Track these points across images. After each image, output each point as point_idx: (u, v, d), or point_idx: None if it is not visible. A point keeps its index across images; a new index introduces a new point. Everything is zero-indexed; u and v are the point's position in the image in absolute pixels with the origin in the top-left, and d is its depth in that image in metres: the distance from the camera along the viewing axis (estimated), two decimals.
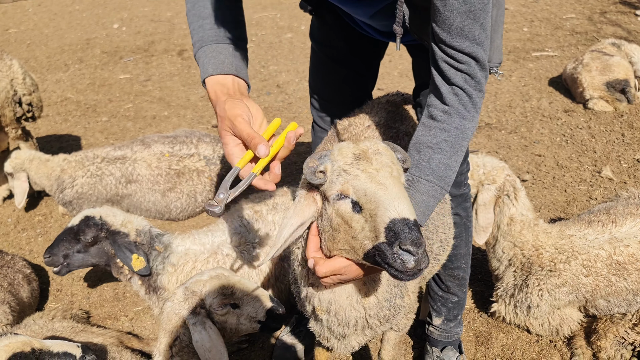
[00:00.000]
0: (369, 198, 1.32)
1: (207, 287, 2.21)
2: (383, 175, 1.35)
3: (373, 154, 1.39)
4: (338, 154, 1.41)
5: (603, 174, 4.57)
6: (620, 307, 2.92)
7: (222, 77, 1.69)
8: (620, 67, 5.72)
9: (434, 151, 1.70)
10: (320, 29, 2.48)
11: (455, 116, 1.70)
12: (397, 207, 1.28)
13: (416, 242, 1.23)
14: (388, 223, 1.26)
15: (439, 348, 2.88)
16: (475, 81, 1.68)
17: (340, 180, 1.37)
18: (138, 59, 7.96)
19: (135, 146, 4.28)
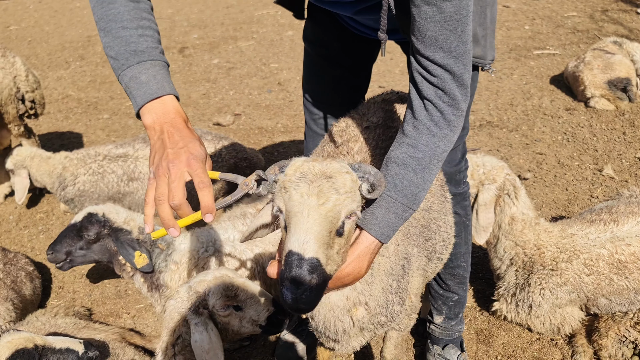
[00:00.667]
0: (289, 221, 1.33)
1: (211, 288, 2.21)
2: (310, 203, 1.32)
3: (319, 177, 1.36)
4: (290, 167, 1.41)
5: (604, 173, 4.57)
6: (621, 306, 2.93)
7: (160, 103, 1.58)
8: (622, 66, 5.72)
9: (399, 167, 1.65)
10: (314, 29, 2.47)
11: (424, 132, 1.64)
12: (298, 240, 1.27)
13: (296, 281, 1.23)
14: (287, 252, 1.27)
15: (441, 346, 2.89)
16: (449, 97, 1.60)
17: (279, 196, 1.39)
18: None
19: (137, 144, 4.28)
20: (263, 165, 4.84)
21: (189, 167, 1.43)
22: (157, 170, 1.44)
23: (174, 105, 1.56)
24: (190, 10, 10.11)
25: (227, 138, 4.60)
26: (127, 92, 1.57)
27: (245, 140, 5.40)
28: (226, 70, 7.29)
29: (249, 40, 8.39)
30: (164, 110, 1.54)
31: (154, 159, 1.47)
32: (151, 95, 1.53)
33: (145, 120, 1.53)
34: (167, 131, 1.50)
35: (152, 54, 1.60)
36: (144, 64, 1.57)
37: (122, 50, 1.56)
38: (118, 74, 1.57)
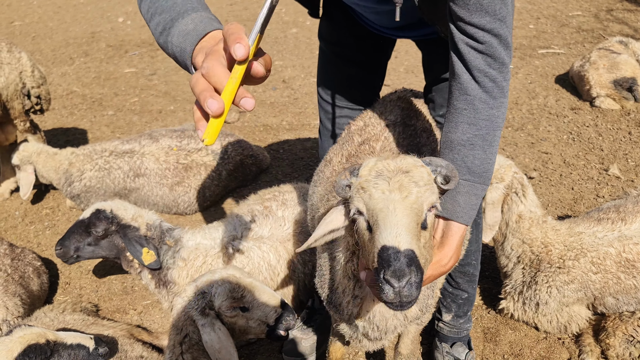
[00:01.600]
0: (374, 219, 1.30)
1: (218, 288, 2.20)
2: (393, 197, 1.30)
3: (396, 173, 1.33)
4: (363, 168, 1.38)
5: (610, 172, 4.57)
6: (629, 305, 2.93)
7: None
8: (628, 65, 5.71)
9: (466, 148, 1.64)
10: (329, 27, 2.46)
11: (480, 107, 1.61)
12: (390, 233, 1.23)
13: (397, 274, 1.18)
14: (379, 249, 1.23)
15: (449, 344, 2.89)
16: (499, 62, 1.58)
17: (357, 197, 1.36)
18: (143, 52, 7.96)
19: (143, 140, 4.28)
20: (269, 162, 4.85)
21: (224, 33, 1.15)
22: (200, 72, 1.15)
23: (209, 38, 1.32)
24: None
25: (232, 135, 4.60)
26: (177, 52, 1.35)
27: (251, 137, 5.40)
28: None
29: None
30: (216, 41, 1.24)
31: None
32: (200, 35, 1.31)
33: (198, 59, 1.27)
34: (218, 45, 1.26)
35: (197, 8, 1.42)
36: (190, 15, 1.38)
37: (168, 18, 1.41)
38: (168, 40, 1.38)
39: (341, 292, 1.79)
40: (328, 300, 1.97)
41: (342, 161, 2.24)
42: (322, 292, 2.04)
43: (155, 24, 1.45)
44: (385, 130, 2.27)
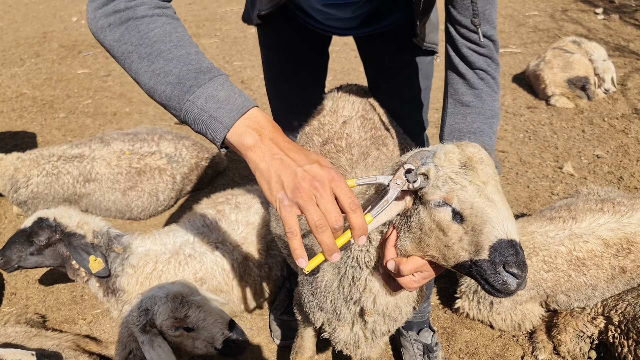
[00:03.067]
0: (475, 212, 1.26)
1: (160, 307, 2.12)
2: (491, 190, 1.29)
3: (478, 163, 1.32)
4: (445, 158, 1.33)
5: (564, 170, 4.65)
6: (579, 302, 2.97)
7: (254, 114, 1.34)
8: (581, 65, 5.84)
9: (476, 136, 1.75)
10: (273, 35, 2.40)
11: (486, 99, 1.77)
12: (505, 227, 1.24)
13: (522, 266, 1.22)
14: (495, 242, 1.22)
15: (415, 331, 2.89)
16: (495, 63, 1.78)
17: (446, 188, 1.30)
18: (98, 53, 7.73)
19: (94, 144, 4.15)
20: (225, 165, 4.76)
21: (334, 183, 1.25)
22: (297, 193, 1.22)
23: (265, 116, 1.33)
24: None
25: (188, 138, 4.50)
26: (202, 116, 1.31)
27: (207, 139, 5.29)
28: None
29: (211, 37, 8.25)
30: (261, 124, 1.30)
31: (282, 183, 1.24)
32: (240, 110, 1.30)
33: (245, 140, 1.27)
34: (280, 146, 1.28)
35: (217, 69, 1.39)
36: (217, 79, 1.35)
37: (185, 71, 1.34)
38: (187, 98, 1.32)
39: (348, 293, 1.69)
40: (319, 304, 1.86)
41: None
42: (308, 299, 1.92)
43: (157, 71, 1.36)
44: (345, 127, 2.23)
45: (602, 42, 7.06)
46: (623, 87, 6.02)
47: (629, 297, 2.82)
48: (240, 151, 1.30)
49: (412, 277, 1.42)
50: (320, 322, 1.89)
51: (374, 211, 1.34)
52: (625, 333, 2.70)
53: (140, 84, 1.41)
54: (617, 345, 2.73)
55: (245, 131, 1.28)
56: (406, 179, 1.32)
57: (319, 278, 1.78)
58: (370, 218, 1.33)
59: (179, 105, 1.33)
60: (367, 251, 1.54)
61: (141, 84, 1.41)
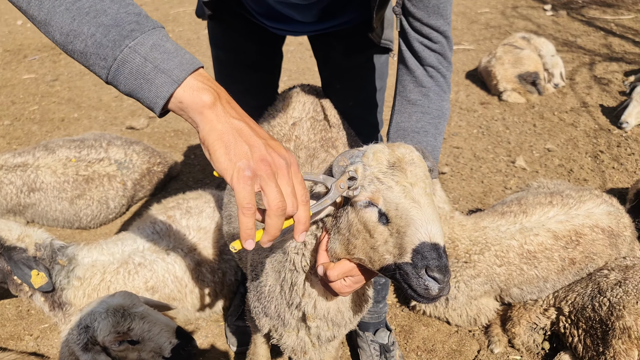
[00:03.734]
0: (400, 214, 1.24)
1: (100, 322, 2.04)
2: (417, 192, 1.26)
3: (408, 164, 1.30)
4: (373, 158, 1.30)
5: (517, 164, 4.73)
6: (532, 294, 3.01)
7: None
8: (531, 60, 5.96)
9: (420, 135, 1.70)
10: (225, 34, 2.34)
11: (434, 98, 1.72)
12: (429, 230, 1.21)
13: (444, 270, 1.19)
14: (417, 245, 1.20)
15: (371, 331, 2.88)
16: (447, 61, 1.73)
17: (372, 188, 1.28)
18: (44, 57, 7.47)
19: (38, 152, 3.98)
20: (179, 169, 4.66)
21: (293, 167, 1.16)
22: (263, 165, 1.08)
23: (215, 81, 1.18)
24: None
25: (138, 143, 4.38)
26: (145, 68, 1.09)
27: (161, 143, 5.17)
28: None
29: None
30: (217, 85, 1.14)
31: (246, 151, 1.08)
32: (192, 65, 1.11)
33: (202, 96, 1.09)
34: (239, 112, 1.14)
35: (156, 21, 1.18)
36: (161, 30, 1.15)
37: (123, 13, 1.11)
38: (126, 44, 1.08)
39: (290, 291, 1.65)
40: (264, 309, 1.82)
41: None
42: (254, 303, 1.87)
43: (90, 9, 1.11)
44: (293, 129, 2.19)
45: (551, 37, 7.24)
46: (572, 81, 6.18)
47: (578, 288, 2.87)
48: (192, 110, 1.10)
49: (343, 282, 1.38)
50: (267, 328, 1.85)
51: (314, 206, 1.30)
52: (575, 323, 2.75)
53: (53, 28, 1.12)
54: (568, 335, 2.78)
55: (201, 86, 1.10)
56: (347, 186, 1.30)
57: (262, 283, 1.73)
58: (310, 213, 1.29)
59: (112, 53, 1.08)
60: (303, 255, 1.51)
61: (54, 29, 1.12)
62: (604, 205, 3.07)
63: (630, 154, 4.70)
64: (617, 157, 4.67)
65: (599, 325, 2.63)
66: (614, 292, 2.68)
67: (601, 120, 5.32)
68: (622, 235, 3.04)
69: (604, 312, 2.64)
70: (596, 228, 2.96)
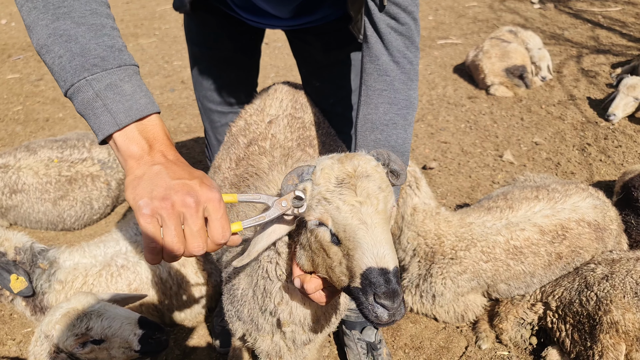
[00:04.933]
0: (348, 235, 1.19)
1: (58, 328, 1.99)
2: (366, 211, 1.20)
3: (359, 178, 1.23)
4: (320, 175, 1.24)
5: (504, 158, 4.71)
6: (519, 289, 2.99)
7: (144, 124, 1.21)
8: (518, 54, 5.94)
9: (389, 128, 1.64)
10: (201, 30, 2.31)
11: (400, 87, 1.65)
12: (376, 254, 1.15)
13: (392, 296, 1.13)
14: (364, 270, 1.15)
15: (358, 330, 2.85)
16: (414, 46, 1.65)
17: (320, 209, 1.22)
18: (29, 56, 7.37)
19: (19, 153, 3.92)
20: None
21: (210, 204, 1.13)
22: (163, 204, 1.08)
23: (163, 127, 1.21)
24: None
25: None
26: (95, 103, 1.16)
27: None
28: None
29: (150, 37, 8.00)
30: (156, 135, 1.18)
31: (151, 191, 1.09)
32: (140, 112, 1.17)
33: (131, 147, 1.15)
34: (166, 158, 1.16)
35: (129, 56, 1.24)
36: (127, 68, 1.21)
37: (93, 45, 1.18)
38: (83, 76, 1.16)
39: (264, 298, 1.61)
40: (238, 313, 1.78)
41: (231, 166, 2.10)
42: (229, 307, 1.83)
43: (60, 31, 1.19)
44: (270, 127, 2.15)
45: (539, 30, 7.24)
46: (559, 74, 6.17)
47: (565, 282, 2.86)
48: (121, 156, 1.16)
49: (322, 293, 1.35)
50: (241, 332, 1.81)
51: (247, 221, 1.25)
52: (562, 317, 2.74)
53: (33, 36, 1.21)
54: (555, 330, 2.77)
55: (135, 138, 1.16)
56: (291, 204, 1.25)
57: (235, 286, 1.70)
58: (240, 226, 1.24)
59: (70, 79, 1.17)
60: (277, 264, 1.47)
61: (34, 37, 1.21)
62: (590, 198, 3.06)
63: (618, 146, 4.69)
64: (604, 150, 4.67)
65: (587, 320, 2.62)
66: (601, 286, 2.67)
67: (588, 112, 5.32)
68: (608, 229, 3.03)
69: (591, 306, 2.63)
70: (582, 222, 2.95)
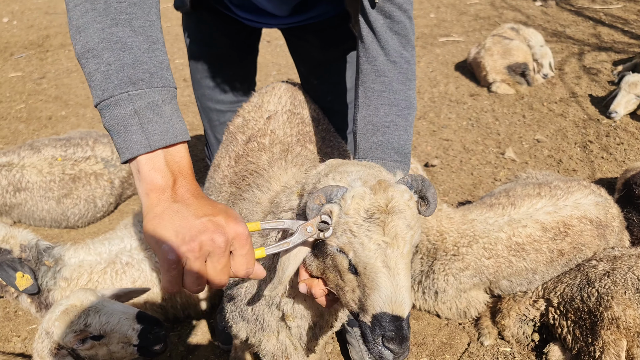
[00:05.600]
0: (368, 274, 1.17)
1: (57, 325, 2.01)
2: (392, 253, 1.17)
3: (391, 214, 1.18)
4: (351, 204, 1.18)
5: (506, 156, 4.73)
6: (521, 286, 3.01)
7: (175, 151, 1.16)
8: (520, 51, 5.95)
9: (391, 129, 1.62)
10: (199, 28, 2.32)
11: (399, 88, 1.63)
12: (394, 300, 1.15)
13: (400, 342, 1.14)
14: (378, 312, 1.15)
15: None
16: (410, 45, 1.63)
17: (344, 239, 1.19)
18: (31, 55, 7.40)
19: (23, 151, 3.94)
20: None
21: (237, 241, 1.10)
22: (190, 246, 1.03)
23: (188, 158, 1.17)
24: None
25: None
26: (131, 120, 1.11)
27: None
28: None
29: None
30: (181, 167, 1.13)
31: (176, 231, 1.05)
32: (174, 137, 1.12)
33: (155, 178, 1.10)
34: (188, 196, 1.11)
35: (172, 77, 1.20)
36: (169, 90, 1.16)
37: (146, 58, 1.14)
38: (127, 90, 1.11)
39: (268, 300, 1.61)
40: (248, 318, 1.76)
41: (231, 164, 2.11)
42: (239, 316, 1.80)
43: (117, 37, 1.14)
44: (269, 123, 2.15)
45: (540, 28, 7.24)
46: (561, 71, 6.18)
47: (566, 279, 2.87)
48: (143, 183, 1.10)
49: (328, 297, 1.35)
50: (244, 333, 1.79)
51: (270, 248, 1.23)
52: (564, 314, 2.76)
53: (81, 38, 1.14)
54: (557, 326, 2.78)
55: (161, 168, 1.10)
56: (318, 229, 1.21)
57: (238, 285, 1.70)
58: (263, 253, 1.21)
59: (112, 90, 1.11)
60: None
61: (81, 39, 1.15)
62: (592, 195, 3.07)
63: (619, 143, 4.70)
64: (606, 147, 4.68)
65: (588, 316, 2.64)
66: (603, 283, 2.68)
67: (590, 110, 5.32)
68: (610, 226, 3.04)
69: (592, 302, 2.64)
70: (584, 219, 2.96)
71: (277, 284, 1.30)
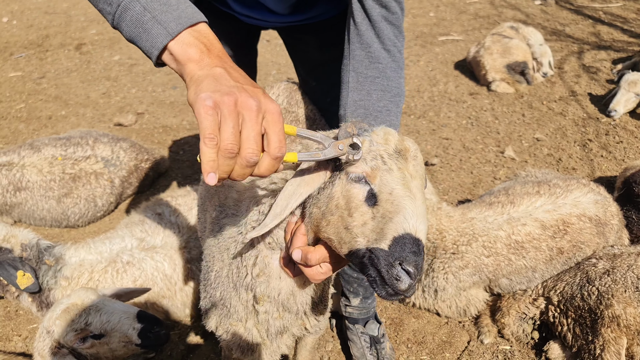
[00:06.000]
0: (393, 199, 1.18)
1: (58, 324, 2.02)
2: (415, 185, 1.22)
3: (412, 158, 1.26)
4: (382, 137, 1.24)
5: (506, 154, 4.73)
6: (521, 284, 3.01)
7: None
8: (519, 50, 5.95)
9: (384, 114, 1.64)
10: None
11: (391, 75, 1.67)
12: (417, 224, 1.16)
13: (419, 267, 1.13)
14: (401, 234, 1.14)
15: (361, 324, 2.88)
16: (402, 35, 1.67)
17: (373, 164, 1.21)
18: (31, 54, 7.40)
19: (23, 151, 3.94)
20: (167, 165, 4.62)
21: (270, 115, 1.08)
22: (226, 100, 1.03)
23: (215, 35, 1.19)
24: (88, 4, 9.52)
25: (126, 140, 4.34)
26: (144, 17, 1.16)
27: (149, 140, 5.14)
28: (128, 67, 6.92)
29: None
30: (211, 40, 1.17)
31: (214, 87, 1.06)
32: (190, 19, 1.16)
33: (190, 51, 1.13)
34: (227, 64, 1.15)
35: None
36: None
37: None
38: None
39: (237, 277, 1.56)
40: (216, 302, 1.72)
41: None
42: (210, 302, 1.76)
43: None
44: None
45: (540, 26, 7.24)
46: (560, 70, 6.18)
47: (566, 277, 2.88)
48: (179, 63, 1.13)
49: (319, 269, 1.33)
50: (214, 323, 1.74)
51: (302, 154, 1.21)
52: (564, 312, 2.76)
53: None
54: (557, 325, 2.79)
55: (192, 42, 1.14)
56: (347, 150, 1.22)
57: (209, 268, 1.67)
58: (295, 158, 1.19)
59: (118, 1, 1.17)
60: (271, 233, 1.43)
61: None
62: (591, 194, 3.07)
63: (619, 142, 4.71)
64: (605, 146, 4.68)
65: (588, 314, 2.64)
66: (603, 281, 2.69)
67: (590, 108, 5.33)
68: (609, 224, 3.05)
69: (592, 301, 2.65)
70: (583, 217, 2.97)
71: (272, 217, 1.28)
